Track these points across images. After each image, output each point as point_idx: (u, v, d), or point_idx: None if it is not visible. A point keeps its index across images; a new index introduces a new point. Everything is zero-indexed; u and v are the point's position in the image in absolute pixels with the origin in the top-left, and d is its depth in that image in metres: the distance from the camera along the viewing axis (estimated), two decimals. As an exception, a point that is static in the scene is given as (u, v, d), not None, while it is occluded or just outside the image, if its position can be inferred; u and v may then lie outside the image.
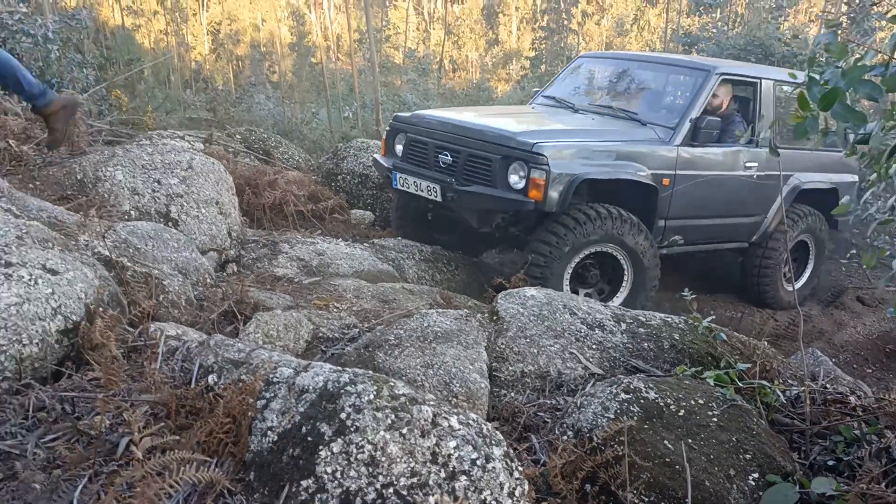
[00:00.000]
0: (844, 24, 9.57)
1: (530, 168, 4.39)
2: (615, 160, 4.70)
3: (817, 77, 1.89)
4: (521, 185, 4.44)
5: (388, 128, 5.45)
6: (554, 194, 4.38)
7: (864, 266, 2.39)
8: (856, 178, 6.42)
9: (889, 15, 2.03)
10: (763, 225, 5.81)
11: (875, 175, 2.21)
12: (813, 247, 6.28)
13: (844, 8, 10.73)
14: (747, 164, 5.47)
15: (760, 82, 5.60)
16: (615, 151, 4.73)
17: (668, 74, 5.63)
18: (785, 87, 5.70)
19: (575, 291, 4.71)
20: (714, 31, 11.62)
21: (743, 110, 5.72)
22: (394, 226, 5.81)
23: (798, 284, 6.32)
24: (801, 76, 1.96)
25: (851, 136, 2.19)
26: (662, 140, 4.97)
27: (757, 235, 5.85)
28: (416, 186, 4.88)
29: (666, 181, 4.90)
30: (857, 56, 1.93)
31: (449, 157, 4.75)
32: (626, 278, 4.85)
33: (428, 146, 4.90)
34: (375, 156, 5.63)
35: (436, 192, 4.74)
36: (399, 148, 5.21)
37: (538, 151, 4.39)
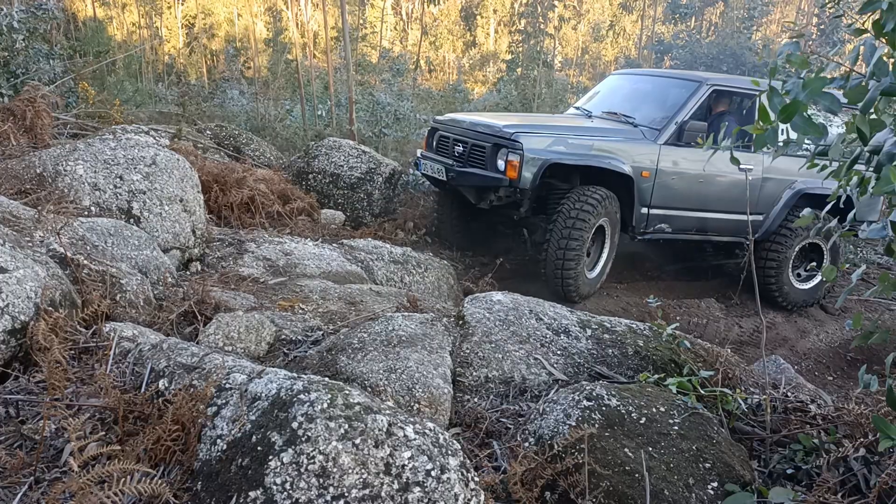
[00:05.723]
0: (815, 35, 9.71)
1: (508, 152, 5.41)
2: (590, 151, 5.60)
3: (778, 87, 1.90)
4: (504, 166, 5.45)
5: (428, 127, 6.73)
6: (527, 174, 5.37)
7: (824, 279, 2.40)
8: None
9: (854, 27, 2.04)
10: (765, 224, 6.35)
11: (837, 187, 2.22)
12: (826, 250, 6.51)
13: (815, 20, 10.91)
14: (741, 167, 5.67)
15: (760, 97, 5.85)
16: (592, 145, 5.62)
17: (670, 87, 6.47)
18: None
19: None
20: (687, 39, 11.74)
21: (738, 114, 6.30)
22: (437, 224, 6.95)
23: (810, 284, 6.64)
24: (765, 84, 1.96)
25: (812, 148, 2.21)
26: (647, 139, 5.83)
27: (759, 234, 6.35)
28: (431, 169, 6.12)
29: (646, 174, 5.78)
30: (819, 67, 1.94)
31: (461, 147, 5.98)
32: (606, 246, 5.88)
33: (449, 139, 6.16)
34: (418, 151, 6.77)
35: (441, 172, 5.94)
36: (434, 143, 6.43)
37: (515, 139, 5.42)
